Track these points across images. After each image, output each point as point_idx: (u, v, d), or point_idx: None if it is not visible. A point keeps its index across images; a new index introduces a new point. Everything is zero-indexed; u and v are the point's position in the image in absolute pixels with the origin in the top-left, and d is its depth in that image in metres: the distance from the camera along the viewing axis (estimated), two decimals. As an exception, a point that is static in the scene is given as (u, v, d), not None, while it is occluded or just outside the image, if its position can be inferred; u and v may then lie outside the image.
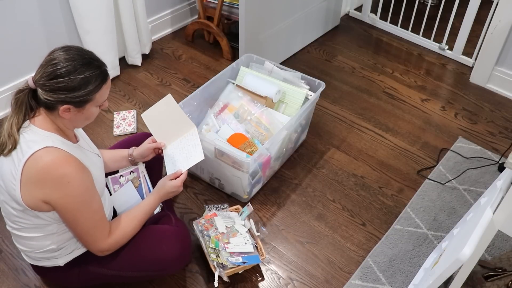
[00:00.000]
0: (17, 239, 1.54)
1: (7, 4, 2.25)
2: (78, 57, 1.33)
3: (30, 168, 1.32)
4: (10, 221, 1.48)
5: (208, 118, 2.20)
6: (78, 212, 1.38)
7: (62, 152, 1.34)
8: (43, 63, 1.34)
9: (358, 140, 2.45)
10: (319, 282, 1.84)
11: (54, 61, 1.31)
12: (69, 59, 1.32)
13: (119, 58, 2.81)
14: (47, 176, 1.32)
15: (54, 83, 1.31)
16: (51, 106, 1.35)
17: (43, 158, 1.31)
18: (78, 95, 1.33)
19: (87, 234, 1.43)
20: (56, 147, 1.34)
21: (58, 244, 1.49)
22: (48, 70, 1.31)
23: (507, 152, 2.31)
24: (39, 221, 1.42)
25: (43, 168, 1.31)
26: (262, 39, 2.73)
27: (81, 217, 1.39)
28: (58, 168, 1.32)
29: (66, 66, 1.31)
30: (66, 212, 1.38)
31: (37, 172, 1.32)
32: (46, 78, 1.31)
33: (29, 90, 1.36)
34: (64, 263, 1.54)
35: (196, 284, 1.81)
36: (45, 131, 1.37)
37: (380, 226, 2.05)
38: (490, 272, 1.64)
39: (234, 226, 1.85)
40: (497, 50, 2.66)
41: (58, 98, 1.32)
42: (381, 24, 3.31)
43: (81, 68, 1.32)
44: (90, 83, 1.33)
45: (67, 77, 1.30)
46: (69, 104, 1.34)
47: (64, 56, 1.32)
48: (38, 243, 1.48)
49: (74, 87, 1.31)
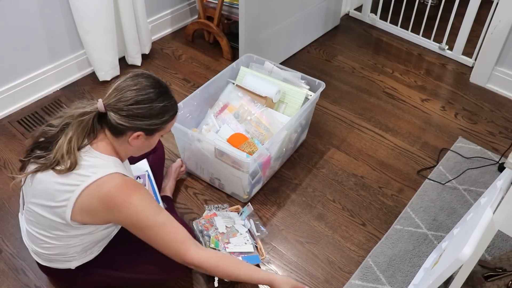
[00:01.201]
0: (36, 242, 1.50)
1: (7, 4, 2.25)
2: (159, 86, 1.35)
3: (93, 194, 1.31)
4: (37, 227, 1.45)
5: (208, 118, 2.20)
6: (147, 229, 1.37)
7: (123, 177, 1.34)
8: (118, 88, 1.33)
9: (358, 140, 2.45)
10: (319, 282, 1.84)
11: (135, 87, 1.31)
12: (151, 86, 1.33)
13: (119, 58, 2.81)
14: (111, 202, 1.31)
15: (134, 109, 1.31)
16: (121, 132, 1.34)
17: (109, 184, 1.31)
18: (154, 123, 1.34)
19: (167, 246, 1.40)
20: (118, 173, 1.34)
21: (80, 252, 1.49)
22: (127, 95, 1.30)
23: (507, 152, 2.31)
24: (75, 231, 1.40)
25: (107, 195, 1.30)
26: (262, 39, 2.73)
27: (152, 232, 1.37)
28: (121, 193, 1.32)
29: (149, 94, 1.31)
30: (136, 230, 1.38)
31: (100, 198, 1.31)
32: (125, 103, 1.30)
33: (96, 113, 1.35)
34: (75, 266, 1.53)
35: (196, 284, 1.81)
36: (107, 155, 1.36)
37: (380, 226, 2.05)
38: (490, 272, 1.64)
39: (234, 226, 1.85)
40: (497, 50, 2.66)
41: (134, 124, 1.32)
42: (381, 24, 3.31)
43: (162, 97, 1.34)
44: (167, 113, 1.36)
45: (149, 104, 1.31)
46: (142, 131, 1.34)
47: (146, 82, 1.33)
48: (61, 251, 1.47)
49: (153, 114, 1.33)
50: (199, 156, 2.07)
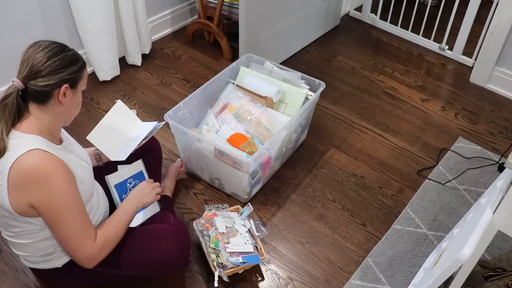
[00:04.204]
0: (13, 245, 1.54)
1: (7, 4, 2.25)
2: (55, 42, 1.39)
3: (15, 173, 1.30)
4: (4, 229, 1.48)
5: (208, 118, 2.20)
6: (62, 214, 1.36)
7: (45, 153, 1.33)
8: (24, 60, 1.35)
9: (358, 140, 2.45)
10: (319, 282, 1.84)
11: (40, 48, 1.34)
12: (51, 43, 1.37)
13: (119, 58, 2.81)
14: (30, 178, 1.30)
15: (50, 64, 1.33)
16: (48, 95, 1.34)
17: (27, 161, 1.30)
18: (73, 71, 1.36)
19: (71, 238, 1.39)
20: (39, 149, 1.32)
21: (53, 247, 1.48)
22: (38, 58, 1.33)
23: (507, 152, 2.31)
24: (31, 226, 1.41)
25: (26, 170, 1.30)
26: (262, 39, 2.73)
27: (64, 219, 1.36)
28: (41, 169, 1.30)
29: (54, 48, 1.35)
30: (50, 213, 1.36)
31: (21, 176, 1.30)
32: (40, 64, 1.32)
33: (17, 92, 1.35)
34: (62, 265, 1.54)
35: (196, 284, 1.81)
36: (29, 134, 1.35)
37: (380, 226, 2.05)
38: (490, 272, 1.64)
39: (234, 226, 1.85)
40: (497, 50, 2.66)
41: (57, 78, 1.33)
42: (381, 24, 3.31)
43: (66, 48, 1.38)
44: (78, 60, 1.39)
45: (60, 55, 1.35)
46: (67, 82, 1.35)
47: (45, 43, 1.36)
48: (34, 248, 1.48)
49: (68, 63, 1.36)
50: (199, 156, 2.07)
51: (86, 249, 1.41)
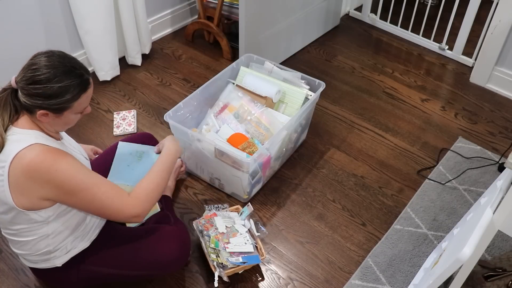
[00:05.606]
0: (13, 244, 1.54)
1: (7, 4, 2.25)
2: (59, 65, 1.31)
3: (16, 168, 1.29)
4: (3, 227, 1.48)
5: (208, 118, 2.20)
6: (82, 192, 1.34)
7: (44, 146, 1.32)
8: (25, 66, 1.32)
9: (358, 140, 2.45)
10: (319, 282, 1.84)
11: (34, 67, 1.29)
12: (49, 66, 1.30)
13: (119, 58, 2.81)
14: (34, 173, 1.29)
15: (31, 89, 1.29)
16: (29, 109, 1.34)
17: (27, 155, 1.29)
18: (54, 103, 1.31)
19: (107, 207, 1.38)
20: (38, 143, 1.32)
21: (53, 245, 1.48)
22: (27, 75, 1.29)
23: (507, 152, 2.31)
24: (32, 224, 1.41)
25: (28, 165, 1.28)
26: (262, 39, 2.73)
27: (88, 195, 1.35)
28: (43, 161, 1.29)
29: (45, 73, 1.28)
30: (71, 198, 1.34)
31: (23, 171, 1.29)
32: (25, 82, 1.30)
33: (11, 90, 1.35)
34: (61, 264, 1.53)
35: (196, 284, 1.81)
36: (28, 129, 1.35)
37: (380, 226, 2.05)
38: (490, 272, 1.64)
39: (234, 226, 1.85)
40: (497, 50, 2.66)
41: (35, 103, 1.30)
42: (381, 24, 3.31)
43: (61, 76, 1.30)
44: (68, 92, 1.31)
45: (45, 84, 1.28)
46: (46, 110, 1.32)
47: (45, 62, 1.30)
48: (34, 246, 1.47)
49: (51, 95, 1.29)
50: (199, 156, 2.07)
51: (127, 209, 1.39)
